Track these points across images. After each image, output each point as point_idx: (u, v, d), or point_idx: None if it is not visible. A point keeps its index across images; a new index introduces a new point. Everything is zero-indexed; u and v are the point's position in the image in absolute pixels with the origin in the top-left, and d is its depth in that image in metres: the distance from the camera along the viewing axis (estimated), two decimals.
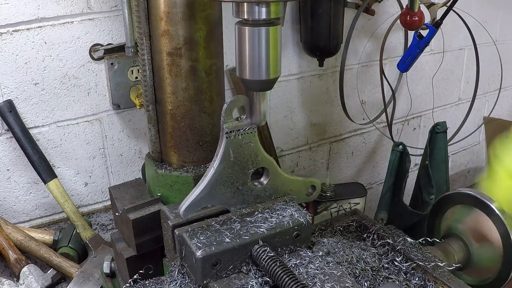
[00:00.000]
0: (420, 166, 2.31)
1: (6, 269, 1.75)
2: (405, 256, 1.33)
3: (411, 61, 2.06)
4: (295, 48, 2.25)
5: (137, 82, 1.83)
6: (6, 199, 1.80)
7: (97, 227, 1.98)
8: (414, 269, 1.30)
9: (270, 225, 1.21)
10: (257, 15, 1.09)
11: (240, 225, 1.21)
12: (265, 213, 1.25)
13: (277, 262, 1.12)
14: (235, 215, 1.24)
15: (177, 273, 1.23)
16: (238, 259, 1.17)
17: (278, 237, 1.21)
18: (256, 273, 1.17)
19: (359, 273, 1.24)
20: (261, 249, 1.16)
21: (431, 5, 1.96)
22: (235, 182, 1.24)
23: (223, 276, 1.16)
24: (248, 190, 1.28)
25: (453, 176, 3.28)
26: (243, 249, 1.17)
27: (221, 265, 1.14)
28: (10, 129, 1.70)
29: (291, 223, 1.22)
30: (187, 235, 1.17)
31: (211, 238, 1.15)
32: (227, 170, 1.22)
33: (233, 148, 1.21)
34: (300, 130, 2.44)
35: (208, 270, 1.13)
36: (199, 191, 1.20)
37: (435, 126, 2.20)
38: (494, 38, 2.70)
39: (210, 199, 1.22)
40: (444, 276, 1.26)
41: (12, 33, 1.63)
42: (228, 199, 1.25)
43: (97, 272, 1.68)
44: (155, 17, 1.33)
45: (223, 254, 1.14)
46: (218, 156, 1.20)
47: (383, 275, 1.27)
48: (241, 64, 1.16)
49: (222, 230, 1.18)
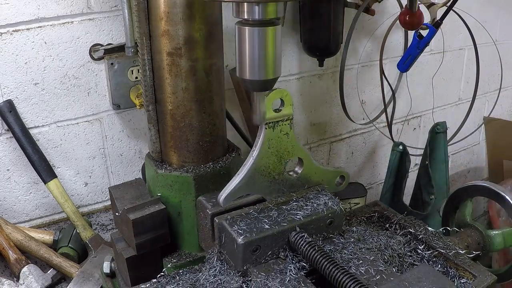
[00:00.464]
0: (420, 166, 2.31)
1: (6, 269, 1.75)
2: (427, 244, 1.36)
3: (411, 61, 2.06)
4: (295, 48, 2.25)
5: (137, 82, 1.83)
6: (6, 199, 1.80)
7: (97, 227, 1.98)
8: (436, 257, 1.33)
9: (306, 213, 1.26)
10: (257, 15, 1.09)
11: (277, 212, 1.25)
12: (300, 202, 1.30)
13: (315, 247, 1.17)
14: (271, 204, 1.28)
15: (216, 260, 1.26)
16: (277, 245, 1.21)
17: (313, 224, 1.26)
18: (293, 258, 1.22)
19: (387, 259, 1.29)
20: (298, 235, 1.21)
21: (431, 5, 1.96)
22: (272, 171, 1.29)
23: (262, 261, 1.20)
24: (284, 179, 1.32)
25: (453, 176, 3.28)
26: (281, 235, 1.21)
27: (260, 251, 1.19)
28: (10, 129, 1.70)
29: (325, 210, 1.28)
30: (227, 223, 1.21)
31: (251, 225, 1.20)
32: (265, 160, 1.26)
33: (271, 139, 1.25)
34: (300, 130, 2.44)
35: (248, 256, 1.17)
36: (238, 180, 1.23)
37: (435, 126, 2.21)
38: (494, 38, 2.70)
39: (248, 188, 1.26)
40: (465, 263, 1.29)
41: (12, 33, 1.63)
42: (264, 188, 1.29)
43: (97, 272, 1.68)
44: (155, 17, 1.33)
45: (263, 240, 1.18)
46: (257, 146, 1.24)
47: (408, 262, 1.32)
48: (241, 64, 1.16)
49: (260, 218, 1.23)
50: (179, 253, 1.49)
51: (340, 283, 1.09)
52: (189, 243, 1.49)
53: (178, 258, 1.47)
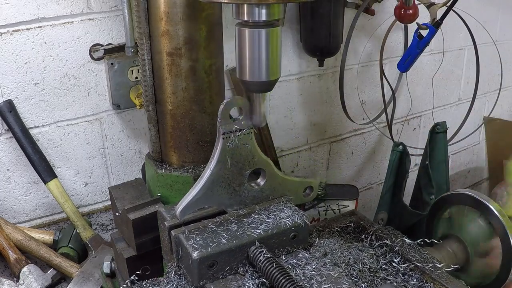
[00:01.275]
0: (420, 166, 2.31)
1: (6, 269, 1.75)
2: (403, 257, 1.32)
3: (411, 61, 2.06)
4: (295, 48, 2.25)
5: (137, 82, 1.83)
6: (6, 199, 1.80)
7: (97, 227, 1.98)
8: (412, 270, 1.30)
9: (267, 226, 1.21)
10: (257, 16, 1.09)
11: (237, 226, 1.21)
12: (262, 214, 1.25)
13: (273, 263, 1.12)
14: (232, 216, 1.24)
15: (173, 274, 1.22)
16: (235, 260, 1.17)
17: (275, 238, 1.21)
18: (253, 274, 1.17)
19: (357, 275, 1.24)
20: (257, 250, 1.16)
21: (431, 5, 1.96)
22: (232, 183, 1.25)
23: (219, 277, 1.16)
24: (245, 191, 1.28)
25: (453, 176, 3.28)
26: (239, 250, 1.16)
27: (217, 266, 1.14)
28: (10, 129, 1.70)
29: (288, 224, 1.22)
30: (184, 236, 1.17)
31: (207, 239, 1.15)
32: (223, 171, 1.22)
33: (230, 150, 1.21)
34: (300, 130, 2.44)
35: (204, 271, 1.13)
36: (195, 192, 1.19)
37: (435, 126, 2.20)
38: (494, 38, 2.70)
39: (206, 200, 1.22)
40: (442, 277, 1.26)
41: (12, 33, 1.63)
42: (224, 200, 1.25)
43: (97, 272, 1.68)
44: (155, 17, 1.33)
45: (219, 255, 1.14)
46: (215, 157, 1.20)
47: (381, 276, 1.27)
48: (241, 66, 1.16)
49: (218, 231, 1.18)
50: None
51: None
52: None
53: None
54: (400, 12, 1.96)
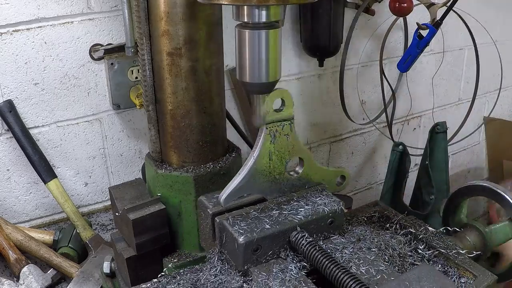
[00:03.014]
0: (420, 166, 2.31)
1: (6, 269, 1.75)
2: (427, 244, 1.36)
3: (411, 61, 2.06)
4: (295, 48, 2.25)
5: (137, 82, 1.83)
6: (6, 199, 1.80)
7: (97, 227, 1.98)
8: (437, 257, 1.33)
9: (306, 213, 1.26)
10: (257, 18, 1.09)
11: (278, 212, 1.25)
12: (300, 201, 1.30)
13: (316, 247, 1.17)
14: (272, 203, 1.28)
15: (216, 260, 1.26)
16: (277, 245, 1.21)
17: (314, 223, 1.26)
18: (294, 258, 1.22)
19: (388, 259, 1.29)
20: (299, 234, 1.21)
21: (431, 5, 1.96)
22: (273, 171, 1.29)
23: (262, 261, 1.20)
24: (284, 179, 1.32)
25: (453, 176, 3.28)
26: (282, 235, 1.21)
27: (261, 251, 1.18)
28: (10, 129, 1.70)
29: (326, 210, 1.27)
30: (228, 223, 1.20)
31: (251, 225, 1.19)
32: (265, 160, 1.26)
33: (272, 139, 1.25)
34: (300, 130, 2.44)
35: (249, 256, 1.17)
36: (239, 179, 1.23)
37: (435, 126, 2.20)
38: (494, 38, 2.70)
39: (249, 188, 1.26)
40: (465, 263, 1.29)
41: (12, 33, 1.63)
42: (265, 188, 1.29)
43: (97, 272, 1.68)
44: (155, 17, 1.33)
45: (263, 240, 1.18)
46: (258, 146, 1.24)
47: (409, 261, 1.32)
48: (241, 67, 1.16)
49: (261, 217, 1.23)
50: (179, 253, 1.49)
51: (341, 282, 1.09)
52: (189, 243, 1.49)
53: (178, 258, 1.48)
54: (395, 5, 1.97)
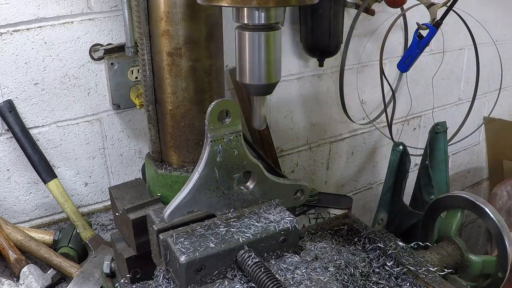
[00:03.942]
0: (420, 166, 2.31)
1: (6, 269, 1.74)
2: (396, 260, 1.31)
3: (411, 61, 2.06)
4: (295, 48, 2.25)
5: (137, 82, 1.83)
6: (6, 199, 1.80)
7: (97, 227, 1.98)
8: (405, 274, 1.28)
9: (256, 230, 1.20)
10: (257, 20, 1.08)
11: (225, 230, 1.20)
12: (251, 218, 1.24)
13: (262, 268, 1.11)
14: (220, 220, 1.23)
15: (162, 278, 1.22)
16: (223, 265, 1.16)
17: (264, 242, 1.20)
18: (242, 278, 1.16)
19: (348, 279, 1.22)
20: (246, 254, 1.15)
21: (431, 5, 1.96)
22: (221, 186, 1.23)
23: (207, 281, 1.15)
24: (234, 194, 1.26)
25: (453, 176, 3.28)
26: (228, 254, 1.15)
27: (205, 271, 1.13)
28: (10, 129, 1.70)
29: (278, 228, 1.21)
30: (172, 240, 1.16)
31: (195, 243, 1.14)
32: (212, 175, 1.20)
33: (218, 153, 1.19)
34: (300, 130, 2.44)
35: (192, 276, 1.12)
36: (183, 195, 1.18)
37: (435, 126, 2.21)
38: (494, 38, 2.70)
39: (195, 204, 1.20)
40: (435, 281, 1.25)
41: (12, 33, 1.63)
42: (213, 203, 1.23)
43: (97, 272, 1.68)
44: (155, 17, 1.33)
45: (207, 259, 1.13)
46: (203, 160, 1.19)
47: (373, 280, 1.26)
48: (241, 69, 1.16)
49: (207, 235, 1.17)
50: None
51: None
52: None
53: None
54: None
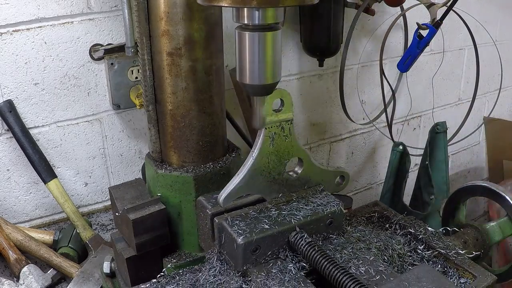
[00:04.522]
0: (420, 166, 2.31)
1: (6, 269, 1.75)
2: (426, 244, 1.37)
3: (411, 61, 2.06)
4: (295, 48, 2.25)
5: (137, 82, 1.83)
6: (6, 199, 1.80)
7: (97, 227, 1.98)
8: (436, 257, 1.34)
9: (306, 213, 1.26)
10: (257, 20, 1.08)
11: (277, 213, 1.26)
12: (299, 202, 1.31)
13: (315, 247, 1.18)
14: (271, 204, 1.29)
15: (216, 260, 1.26)
16: (276, 245, 1.21)
17: (313, 224, 1.26)
18: (293, 258, 1.22)
19: (388, 259, 1.30)
20: (298, 235, 1.21)
21: (431, 5, 1.96)
22: (272, 171, 1.29)
23: (261, 262, 1.20)
24: (284, 179, 1.32)
25: (453, 176, 3.28)
26: (281, 235, 1.21)
27: (260, 251, 1.19)
28: (10, 129, 1.70)
29: (325, 211, 1.28)
30: (227, 223, 1.21)
31: (250, 226, 1.20)
32: (264, 160, 1.26)
33: (271, 140, 1.26)
34: (300, 130, 2.44)
35: (248, 256, 1.18)
36: (238, 180, 1.24)
37: (435, 126, 2.21)
38: (494, 38, 2.70)
39: (248, 188, 1.26)
40: (465, 263, 1.29)
41: (12, 33, 1.63)
42: (264, 188, 1.30)
43: (97, 272, 1.68)
44: (155, 17, 1.33)
45: (262, 240, 1.18)
46: (257, 146, 1.25)
47: (408, 262, 1.33)
48: (241, 69, 1.15)
49: (260, 218, 1.23)
50: (179, 253, 1.49)
51: (340, 283, 1.09)
52: (189, 243, 1.49)
53: (178, 258, 1.47)
54: None
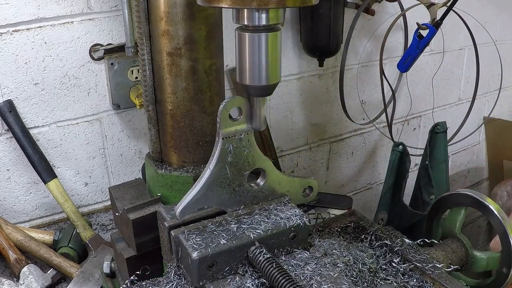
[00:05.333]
0: (420, 166, 2.31)
1: (6, 269, 1.75)
2: (403, 257, 1.32)
3: (411, 61, 2.06)
4: (295, 48, 2.25)
5: (137, 82, 1.83)
6: (6, 199, 1.80)
7: (97, 227, 1.98)
8: (412, 270, 1.29)
9: (267, 226, 1.21)
10: (257, 21, 1.08)
11: (236, 226, 1.21)
12: (261, 214, 1.25)
13: (273, 264, 1.12)
14: (231, 216, 1.24)
15: (173, 274, 1.22)
16: (235, 261, 1.17)
17: (275, 238, 1.21)
18: (253, 274, 1.17)
19: (357, 275, 1.24)
20: (257, 250, 1.16)
21: (431, 5, 1.96)
22: (232, 183, 1.24)
23: (219, 277, 1.16)
24: (245, 191, 1.27)
25: (453, 176, 3.28)
26: (239, 250, 1.16)
27: (217, 267, 1.14)
28: (10, 129, 1.70)
29: (288, 224, 1.22)
30: (183, 237, 1.17)
31: (207, 240, 1.15)
32: (223, 171, 1.21)
33: (229, 150, 1.21)
34: (300, 130, 2.44)
35: (204, 272, 1.13)
36: (195, 192, 1.19)
37: (435, 126, 2.21)
38: (494, 38, 2.70)
39: (206, 200, 1.22)
40: (442, 277, 1.25)
41: (12, 33, 1.63)
42: (224, 200, 1.25)
43: (97, 272, 1.68)
44: (155, 17, 1.33)
45: (219, 255, 1.14)
46: (214, 157, 1.20)
47: (380, 277, 1.27)
48: (241, 70, 1.15)
49: (218, 231, 1.18)
50: None
51: None
52: None
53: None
54: None
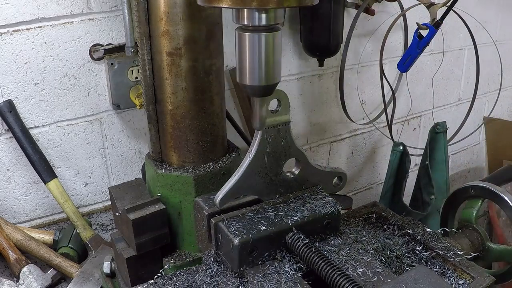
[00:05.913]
0: (420, 166, 2.31)
1: (6, 269, 1.75)
2: (425, 245, 1.36)
3: (411, 61, 2.06)
4: (295, 48, 2.25)
5: (137, 82, 1.83)
6: (6, 199, 1.80)
7: (97, 227, 1.98)
8: (434, 258, 1.33)
9: (303, 214, 1.26)
10: (257, 21, 1.08)
11: (274, 213, 1.25)
12: (297, 203, 1.31)
13: (312, 249, 1.18)
14: (268, 205, 1.29)
15: (212, 261, 1.26)
16: (273, 247, 1.21)
17: (310, 225, 1.26)
18: (290, 259, 1.22)
19: (385, 260, 1.29)
20: (295, 236, 1.21)
21: (431, 5, 1.96)
22: (269, 172, 1.29)
23: (258, 263, 1.20)
24: (281, 180, 1.32)
25: (453, 176, 3.28)
26: (278, 236, 1.21)
27: (257, 252, 1.18)
28: (10, 129, 1.70)
29: (322, 211, 1.27)
30: (224, 224, 1.21)
31: (247, 226, 1.20)
32: (261, 161, 1.26)
33: (268, 141, 1.26)
34: (300, 130, 2.44)
35: (245, 257, 1.17)
36: (235, 180, 1.24)
37: (435, 126, 2.21)
38: (494, 38, 2.70)
39: (244, 189, 1.27)
40: (463, 265, 1.29)
41: (12, 33, 1.63)
42: (261, 189, 1.29)
43: (97, 272, 1.69)
44: (155, 17, 1.33)
45: (259, 241, 1.18)
46: (254, 147, 1.25)
47: (406, 263, 1.33)
48: (241, 70, 1.15)
49: (257, 219, 1.23)
50: (178, 253, 1.49)
51: (337, 284, 1.09)
52: (189, 243, 1.49)
53: (177, 258, 1.48)
54: None
